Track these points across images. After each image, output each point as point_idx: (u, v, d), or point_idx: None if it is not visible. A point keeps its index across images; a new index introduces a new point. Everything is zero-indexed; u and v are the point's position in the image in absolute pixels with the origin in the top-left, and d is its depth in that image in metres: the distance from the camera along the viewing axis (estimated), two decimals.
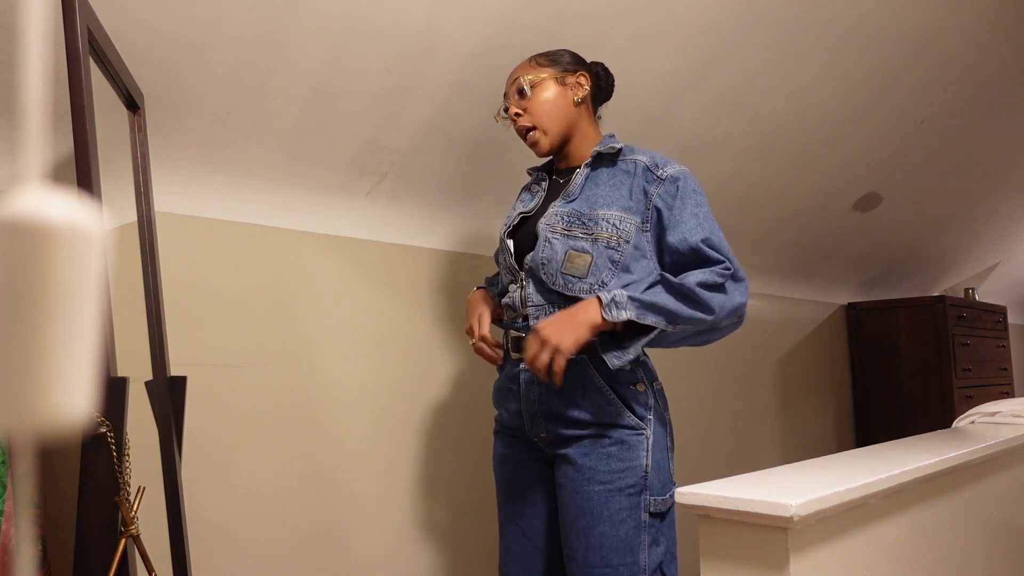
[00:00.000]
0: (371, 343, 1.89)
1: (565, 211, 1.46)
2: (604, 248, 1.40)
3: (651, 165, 1.45)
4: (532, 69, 1.51)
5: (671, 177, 1.44)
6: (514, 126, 1.53)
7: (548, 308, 1.44)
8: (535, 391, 1.45)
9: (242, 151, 1.63)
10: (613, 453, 1.39)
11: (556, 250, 1.43)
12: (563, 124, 1.50)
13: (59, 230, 0.31)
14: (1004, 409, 1.97)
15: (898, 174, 3.13)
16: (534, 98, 1.49)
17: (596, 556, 1.36)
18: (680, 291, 1.34)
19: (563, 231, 1.44)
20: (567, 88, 1.51)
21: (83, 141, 1.05)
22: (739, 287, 1.38)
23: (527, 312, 1.46)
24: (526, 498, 1.52)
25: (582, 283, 1.40)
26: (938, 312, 3.62)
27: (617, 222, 1.41)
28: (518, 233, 1.53)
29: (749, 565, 1.02)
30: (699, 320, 1.34)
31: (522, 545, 1.51)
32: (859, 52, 2.32)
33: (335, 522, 1.78)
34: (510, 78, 1.54)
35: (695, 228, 1.40)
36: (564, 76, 1.51)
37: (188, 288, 1.58)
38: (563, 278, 1.41)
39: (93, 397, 0.33)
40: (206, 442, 1.57)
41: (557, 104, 1.49)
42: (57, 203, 0.31)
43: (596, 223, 1.42)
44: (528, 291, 1.46)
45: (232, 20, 1.42)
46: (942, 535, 1.35)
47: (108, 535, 1.06)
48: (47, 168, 0.61)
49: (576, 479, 1.40)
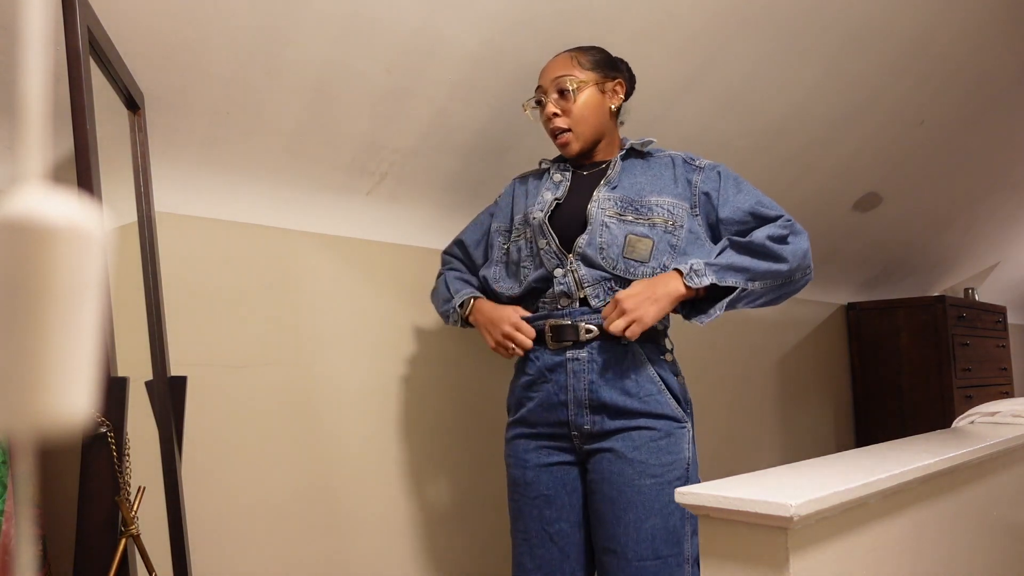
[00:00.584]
0: (371, 343, 1.89)
1: (616, 196, 1.47)
2: (663, 233, 1.44)
3: (687, 158, 1.52)
4: (576, 69, 1.50)
5: (710, 166, 1.51)
6: (545, 122, 1.53)
7: (606, 285, 1.45)
8: (585, 379, 1.44)
9: (242, 151, 1.63)
10: (663, 446, 1.41)
11: (615, 234, 1.44)
12: (597, 130, 1.53)
13: (59, 230, 0.31)
14: (1004, 409, 1.97)
15: (898, 174, 3.13)
16: (576, 102, 1.49)
17: (647, 549, 1.37)
18: (750, 248, 1.39)
19: (617, 215, 1.45)
20: (606, 96, 1.52)
21: (83, 141, 1.05)
22: (802, 235, 1.44)
23: (585, 294, 1.45)
24: (556, 502, 1.49)
25: (644, 267, 1.44)
26: (938, 312, 3.62)
27: (670, 207, 1.46)
28: (552, 220, 1.51)
29: (749, 565, 1.02)
30: (775, 272, 1.40)
31: (548, 550, 1.49)
32: (859, 52, 2.31)
33: (335, 522, 1.78)
34: (550, 73, 1.52)
35: (746, 197, 1.47)
36: (605, 82, 1.52)
37: (188, 288, 1.58)
38: (624, 262, 1.44)
39: (93, 397, 0.33)
40: (206, 442, 1.57)
41: (596, 111, 1.51)
42: (57, 203, 0.31)
43: (650, 209, 1.45)
44: (581, 274, 1.45)
45: (232, 20, 1.42)
46: (942, 535, 1.35)
47: (108, 535, 1.06)
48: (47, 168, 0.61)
49: (626, 473, 1.40)
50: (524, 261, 1.55)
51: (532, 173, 1.67)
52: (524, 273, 1.54)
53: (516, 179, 1.71)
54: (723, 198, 1.46)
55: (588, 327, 1.44)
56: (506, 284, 1.60)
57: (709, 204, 1.47)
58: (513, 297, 1.57)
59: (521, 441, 1.54)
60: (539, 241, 1.51)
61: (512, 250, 1.58)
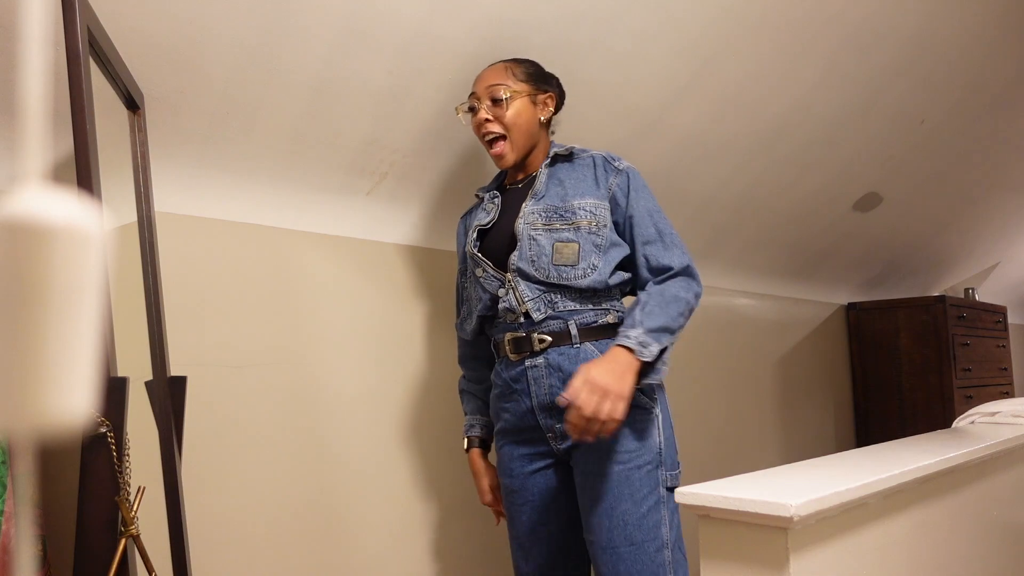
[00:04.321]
0: (371, 343, 1.89)
1: (540, 208, 1.52)
2: (587, 234, 1.48)
3: (608, 158, 1.57)
4: (510, 79, 1.56)
5: (626, 169, 1.56)
6: (477, 127, 1.58)
7: (546, 298, 1.49)
8: (545, 384, 1.49)
9: (242, 151, 1.63)
10: (628, 432, 1.43)
11: (543, 245, 1.49)
12: (530, 140, 1.58)
13: (59, 230, 0.31)
14: (1004, 409, 1.97)
15: (898, 174, 3.13)
16: (509, 111, 1.54)
17: (620, 535, 1.39)
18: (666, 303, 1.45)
19: (544, 226, 1.50)
20: (537, 107, 1.58)
21: (83, 141, 1.05)
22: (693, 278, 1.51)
23: (526, 308, 1.49)
24: (547, 505, 1.53)
25: (575, 270, 1.47)
26: (938, 312, 3.62)
27: (593, 208, 1.50)
28: (485, 244, 1.59)
29: (749, 565, 1.02)
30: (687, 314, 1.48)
31: (541, 552, 1.53)
32: (859, 52, 2.31)
33: (335, 522, 1.78)
34: (484, 81, 1.58)
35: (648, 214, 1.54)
36: (536, 94, 1.58)
37: (188, 288, 1.58)
38: (556, 270, 1.47)
39: (93, 397, 0.33)
40: (206, 442, 1.57)
41: (529, 121, 1.56)
42: (57, 203, 0.31)
43: (574, 213, 1.50)
44: (520, 289, 1.50)
45: (232, 20, 1.42)
46: (942, 535, 1.35)
47: (108, 535, 1.06)
48: (47, 168, 0.61)
49: (594, 460, 1.44)
50: (474, 294, 1.62)
51: (472, 207, 1.74)
52: (474, 306, 1.61)
53: (461, 219, 1.77)
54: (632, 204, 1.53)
55: (541, 336, 1.49)
56: (466, 327, 1.67)
57: (617, 207, 1.53)
58: (472, 335, 1.66)
59: (506, 449, 1.59)
60: (476, 271, 1.58)
61: (468, 287, 1.66)
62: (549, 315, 1.49)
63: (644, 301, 1.45)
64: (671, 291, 1.46)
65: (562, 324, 1.48)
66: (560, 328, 1.48)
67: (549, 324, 1.49)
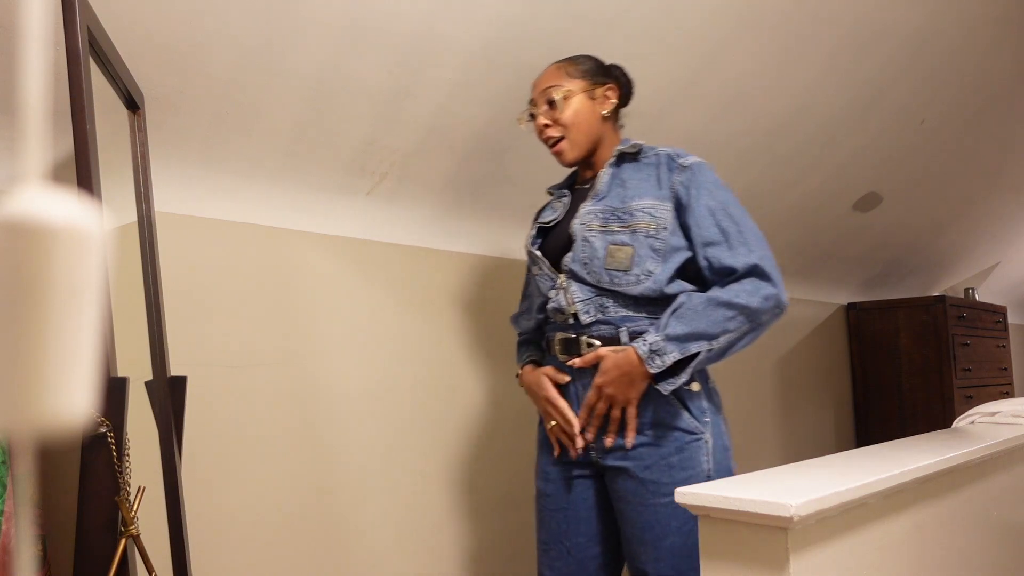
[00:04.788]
0: (371, 343, 1.89)
1: (598, 209, 1.47)
2: (644, 238, 1.41)
3: (673, 155, 1.49)
4: (563, 79, 1.51)
5: (692, 164, 1.47)
6: (539, 134, 1.54)
7: (597, 301, 1.44)
8: None
9: (242, 151, 1.63)
10: (675, 463, 1.38)
11: (596, 247, 1.44)
12: (591, 137, 1.52)
13: (59, 230, 0.31)
14: (1004, 409, 1.97)
15: (898, 174, 3.13)
16: (564, 111, 1.50)
17: (667, 567, 1.37)
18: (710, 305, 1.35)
19: (599, 228, 1.45)
20: (596, 102, 1.52)
21: (83, 141, 1.05)
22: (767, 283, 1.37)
23: (575, 309, 1.46)
24: (579, 515, 1.49)
25: (627, 276, 1.41)
26: (938, 312, 3.62)
27: (652, 210, 1.43)
28: (547, 243, 1.56)
29: (749, 565, 1.02)
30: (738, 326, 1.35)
31: (566, 562, 1.50)
32: (859, 52, 2.31)
33: (335, 522, 1.78)
34: (539, 85, 1.54)
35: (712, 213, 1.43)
36: (594, 89, 1.52)
37: (188, 288, 1.58)
38: (608, 274, 1.42)
39: (93, 397, 0.33)
40: (206, 442, 1.57)
41: (587, 118, 1.51)
42: (57, 203, 0.31)
43: (631, 215, 1.43)
44: (571, 290, 1.46)
45: (232, 20, 1.42)
46: (942, 535, 1.35)
47: (108, 535, 1.06)
48: (47, 168, 0.61)
49: (640, 493, 1.39)
50: (533, 292, 1.61)
51: (544, 206, 1.69)
52: (535, 303, 1.60)
53: (535, 216, 1.72)
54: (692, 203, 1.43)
55: (590, 340, 1.44)
56: (522, 322, 1.66)
57: (681, 207, 1.44)
58: (530, 332, 1.65)
59: (544, 451, 1.56)
60: (533, 268, 1.57)
61: (531, 283, 1.64)
62: (599, 319, 1.44)
63: (680, 303, 1.37)
64: (721, 295, 1.35)
65: (612, 330, 1.43)
66: (610, 334, 1.43)
67: (599, 328, 1.44)
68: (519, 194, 2.15)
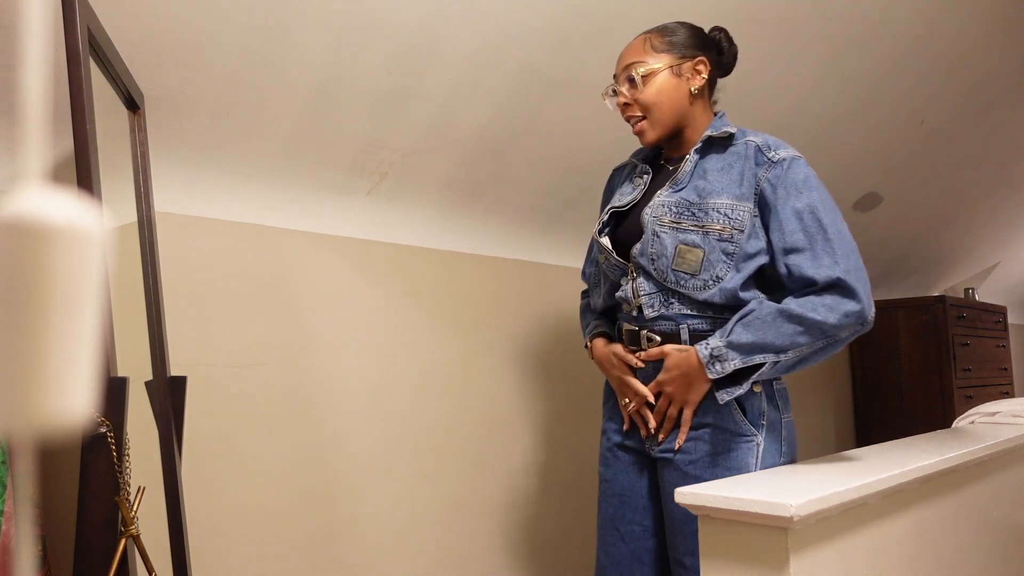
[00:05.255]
0: (370, 343, 1.89)
1: (673, 200, 1.37)
2: (716, 241, 1.32)
3: (762, 146, 1.36)
4: (646, 54, 1.40)
5: (782, 160, 1.35)
6: (621, 112, 1.45)
7: (661, 297, 1.38)
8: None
9: (242, 151, 1.63)
10: (720, 462, 1.34)
11: (665, 244, 1.34)
12: (675, 116, 1.41)
13: (59, 230, 0.31)
14: (1004, 409, 1.97)
15: (898, 174, 3.13)
16: (646, 90, 1.39)
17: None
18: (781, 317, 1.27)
19: (671, 223, 1.35)
20: (683, 79, 1.40)
21: (83, 141, 1.05)
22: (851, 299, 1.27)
23: (640, 303, 1.40)
24: (634, 504, 1.48)
25: (695, 280, 1.33)
26: (938, 312, 3.62)
27: (728, 211, 1.32)
28: (622, 225, 1.46)
29: (749, 565, 1.02)
30: (811, 342, 1.27)
31: (619, 549, 1.48)
32: (858, 52, 2.31)
33: (335, 522, 1.78)
34: (622, 60, 1.43)
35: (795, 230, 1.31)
36: (681, 64, 1.40)
37: (188, 288, 1.58)
38: (674, 275, 1.34)
39: (93, 397, 0.33)
40: (206, 442, 1.57)
41: (671, 96, 1.40)
42: (57, 203, 0.31)
43: (706, 213, 1.33)
44: (639, 282, 1.39)
45: (232, 20, 1.42)
46: (942, 535, 1.35)
47: (108, 535, 1.06)
48: (47, 168, 0.61)
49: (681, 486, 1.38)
50: (604, 270, 1.51)
51: (625, 165, 1.58)
52: (603, 284, 1.52)
53: (613, 171, 1.63)
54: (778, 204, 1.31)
55: (651, 335, 1.40)
56: (594, 297, 1.58)
57: (765, 206, 1.33)
58: (600, 309, 1.56)
59: (608, 435, 1.54)
60: (599, 256, 1.48)
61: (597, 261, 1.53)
62: (662, 314, 1.38)
63: (750, 310, 1.29)
64: (794, 308, 1.26)
65: (673, 326, 1.37)
66: (671, 330, 1.38)
67: (660, 324, 1.39)
68: (519, 194, 2.15)
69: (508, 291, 2.22)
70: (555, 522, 2.24)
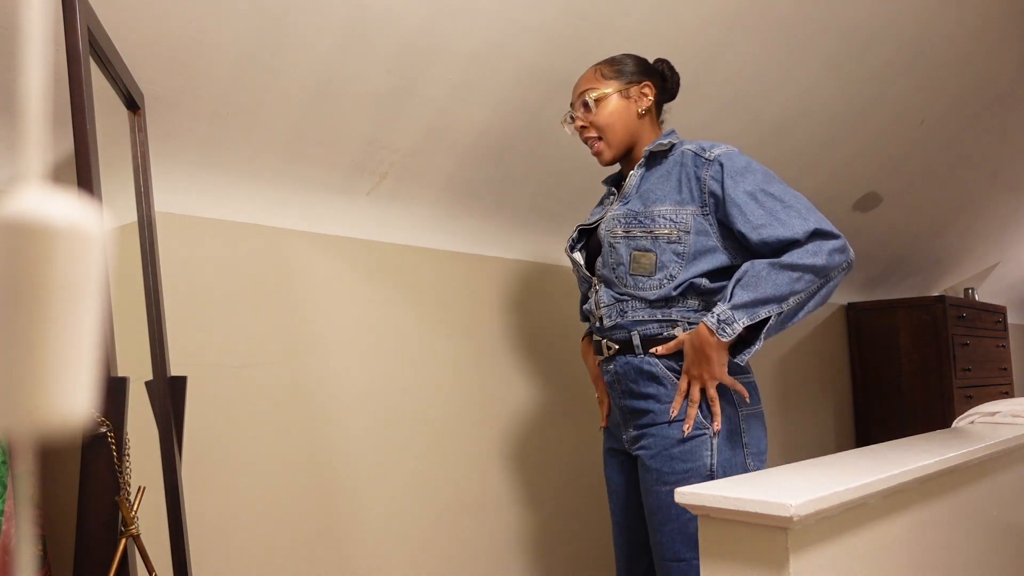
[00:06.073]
0: (371, 343, 1.89)
1: (621, 213, 1.51)
2: (666, 244, 1.44)
3: (697, 151, 1.48)
4: (597, 81, 1.55)
5: (718, 157, 1.45)
6: (580, 136, 1.59)
7: (618, 307, 1.50)
8: (618, 390, 1.54)
9: (242, 151, 1.63)
10: (676, 455, 1.44)
11: (621, 253, 1.48)
12: (627, 135, 1.55)
13: (59, 230, 0.31)
14: (1004, 409, 1.97)
15: (898, 174, 3.13)
16: (599, 112, 1.54)
17: (669, 551, 1.44)
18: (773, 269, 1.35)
19: (623, 234, 1.48)
20: (631, 101, 1.55)
21: (83, 141, 1.05)
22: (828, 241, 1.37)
23: (601, 313, 1.53)
24: (627, 501, 1.61)
25: (651, 280, 1.45)
26: (938, 312, 3.62)
27: (672, 216, 1.45)
28: (590, 242, 1.61)
29: (749, 565, 1.02)
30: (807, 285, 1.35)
31: (626, 540, 1.62)
32: (859, 52, 2.32)
33: (335, 522, 1.78)
34: (576, 88, 1.58)
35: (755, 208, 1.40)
36: (628, 88, 1.54)
37: (188, 288, 1.58)
38: (633, 279, 1.47)
39: (93, 397, 0.33)
40: (206, 442, 1.57)
41: (621, 117, 1.54)
42: (57, 203, 0.31)
43: (653, 220, 1.46)
44: (600, 294, 1.53)
45: (232, 20, 1.42)
46: (942, 535, 1.35)
47: (108, 535, 1.06)
48: (47, 168, 0.61)
49: (647, 480, 1.48)
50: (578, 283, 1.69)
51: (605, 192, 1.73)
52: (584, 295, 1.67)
53: None
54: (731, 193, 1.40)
55: (609, 344, 1.52)
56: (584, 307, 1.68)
57: (718, 202, 1.43)
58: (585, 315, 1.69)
59: (605, 434, 1.66)
60: (573, 268, 1.65)
61: None
62: (617, 323, 1.50)
63: (743, 272, 1.37)
64: (785, 259, 1.35)
65: (626, 334, 1.49)
66: (624, 338, 1.50)
67: (616, 333, 1.51)
68: (519, 194, 2.15)
69: (508, 291, 2.22)
70: (555, 522, 2.24)
